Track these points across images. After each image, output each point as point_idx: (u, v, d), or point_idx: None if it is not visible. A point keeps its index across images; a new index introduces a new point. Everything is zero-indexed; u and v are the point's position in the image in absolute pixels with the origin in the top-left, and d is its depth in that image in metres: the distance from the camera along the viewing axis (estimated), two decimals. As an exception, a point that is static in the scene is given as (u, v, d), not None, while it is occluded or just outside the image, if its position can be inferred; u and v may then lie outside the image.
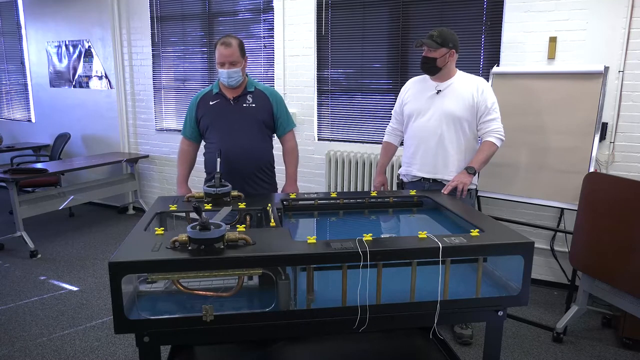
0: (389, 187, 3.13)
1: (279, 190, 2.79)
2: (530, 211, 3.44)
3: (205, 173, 2.72)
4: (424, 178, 2.70)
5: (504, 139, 2.63)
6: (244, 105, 2.56)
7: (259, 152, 2.60)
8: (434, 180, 2.67)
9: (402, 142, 2.92)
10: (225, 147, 2.50)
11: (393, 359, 2.10)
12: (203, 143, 2.72)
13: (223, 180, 2.17)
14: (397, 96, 2.89)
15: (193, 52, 4.81)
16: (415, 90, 2.73)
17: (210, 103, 2.58)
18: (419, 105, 2.67)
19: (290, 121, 2.72)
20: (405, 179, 2.82)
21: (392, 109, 2.92)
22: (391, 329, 2.21)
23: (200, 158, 2.78)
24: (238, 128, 2.54)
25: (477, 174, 2.73)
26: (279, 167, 2.76)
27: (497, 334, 1.68)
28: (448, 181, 2.64)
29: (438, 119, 2.60)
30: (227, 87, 2.54)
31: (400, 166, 2.89)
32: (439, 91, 2.62)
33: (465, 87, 2.60)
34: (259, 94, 2.60)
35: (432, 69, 2.59)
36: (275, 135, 2.74)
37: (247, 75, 2.61)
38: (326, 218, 2.26)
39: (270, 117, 2.62)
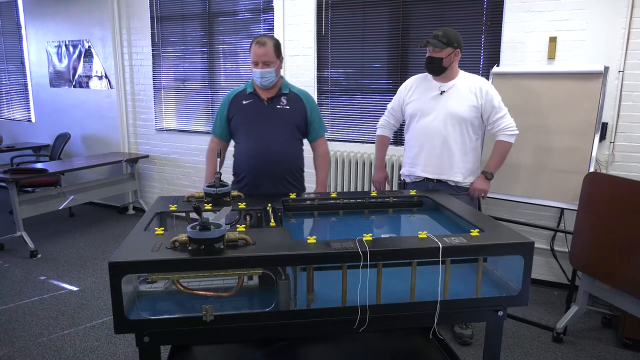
0: (390, 184, 3.11)
1: None
2: (530, 211, 3.44)
3: (232, 175, 2.61)
4: (427, 178, 2.70)
5: (516, 132, 2.66)
6: (278, 106, 2.49)
7: (291, 156, 2.53)
8: (438, 180, 2.67)
9: (399, 141, 2.91)
10: (257, 148, 2.45)
11: (393, 359, 2.10)
12: (232, 143, 2.63)
13: (222, 180, 2.17)
14: (397, 96, 2.88)
15: (193, 52, 4.81)
16: (417, 89, 2.72)
17: (244, 102, 2.51)
18: (422, 105, 2.66)
19: (323, 126, 2.65)
20: (408, 180, 2.81)
21: None
22: (391, 329, 2.21)
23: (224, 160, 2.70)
24: (271, 130, 2.47)
25: (477, 174, 2.73)
26: (308, 171, 2.69)
27: (497, 334, 1.68)
28: (453, 181, 2.64)
29: (443, 119, 2.60)
30: (260, 87, 2.48)
31: (400, 166, 2.88)
32: (442, 92, 2.61)
33: (468, 88, 2.60)
34: (294, 97, 2.53)
35: (438, 69, 2.59)
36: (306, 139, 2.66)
37: (281, 76, 2.54)
38: (326, 218, 2.26)
39: (303, 121, 2.55)
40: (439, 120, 2.61)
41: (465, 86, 2.61)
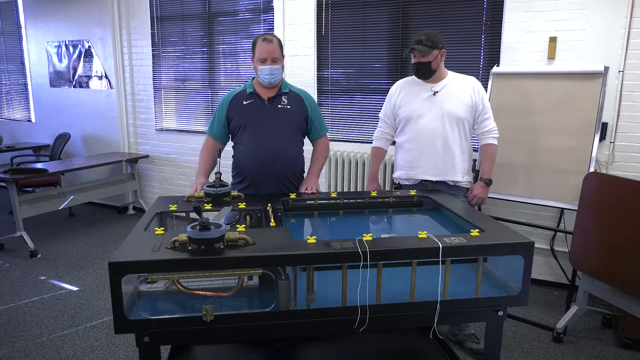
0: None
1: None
2: (530, 211, 3.44)
3: (232, 176, 2.60)
4: (426, 180, 2.66)
5: (498, 135, 2.70)
6: (279, 106, 2.47)
7: (293, 155, 2.52)
8: (437, 180, 2.65)
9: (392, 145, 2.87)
10: (260, 148, 2.43)
11: (393, 359, 2.10)
12: (231, 144, 2.61)
13: (222, 179, 2.17)
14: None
15: (193, 52, 4.81)
16: (408, 92, 2.69)
17: (244, 103, 2.48)
18: (416, 107, 2.64)
19: (324, 126, 2.64)
20: (407, 182, 2.78)
21: None
22: (391, 329, 2.21)
23: (219, 161, 2.68)
24: (273, 129, 2.45)
25: (471, 173, 2.72)
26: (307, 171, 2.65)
27: (497, 334, 1.68)
28: (452, 181, 2.62)
29: (440, 120, 2.58)
30: (267, 85, 2.44)
31: (392, 169, 2.82)
32: (435, 92, 2.60)
33: (461, 88, 2.60)
34: (294, 96, 2.52)
35: (428, 73, 2.59)
36: (307, 138, 2.64)
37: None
38: (326, 218, 2.26)
39: (304, 120, 2.54)
40: (436, 121, 2.59)
41: (458, 86, 2.60)
